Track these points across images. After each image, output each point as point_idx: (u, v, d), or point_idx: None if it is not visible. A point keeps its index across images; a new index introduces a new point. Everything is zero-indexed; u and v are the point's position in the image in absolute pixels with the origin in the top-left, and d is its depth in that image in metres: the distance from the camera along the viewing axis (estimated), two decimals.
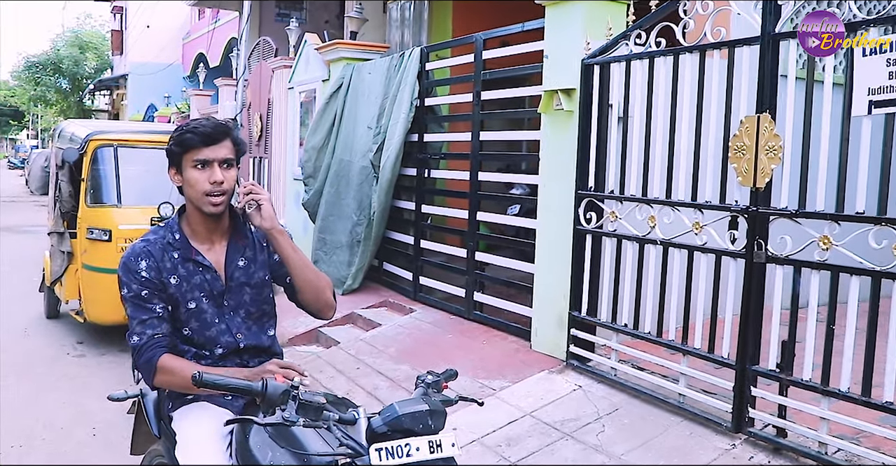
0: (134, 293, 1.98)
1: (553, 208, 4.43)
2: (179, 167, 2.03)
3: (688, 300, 3.55)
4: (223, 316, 2.12)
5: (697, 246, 3.46)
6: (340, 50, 7.30)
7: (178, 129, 2.05)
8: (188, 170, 2.01)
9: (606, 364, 4.08)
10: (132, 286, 1.98)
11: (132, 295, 1.99)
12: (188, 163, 2.00)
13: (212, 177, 2.00)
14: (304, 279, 2.15)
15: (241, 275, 2.15)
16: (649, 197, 3.74)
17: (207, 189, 2.01)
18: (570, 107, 4.22)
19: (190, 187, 2.01)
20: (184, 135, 2.01)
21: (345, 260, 6.65)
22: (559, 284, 4.37)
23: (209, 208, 2.03)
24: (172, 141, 2.03)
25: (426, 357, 4.89)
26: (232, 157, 2.05)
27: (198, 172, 2.00)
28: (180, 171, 2.03)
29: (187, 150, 2.00)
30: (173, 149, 2.02)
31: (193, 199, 2.03)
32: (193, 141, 1.99)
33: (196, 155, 1.99)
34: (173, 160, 2.04)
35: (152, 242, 2.05)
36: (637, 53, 3.77)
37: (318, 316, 2.25)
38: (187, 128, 2.03)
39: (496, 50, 5.14)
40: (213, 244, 2.13)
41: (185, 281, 2.05)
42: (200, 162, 2.00)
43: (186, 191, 2.04)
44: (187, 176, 2.00)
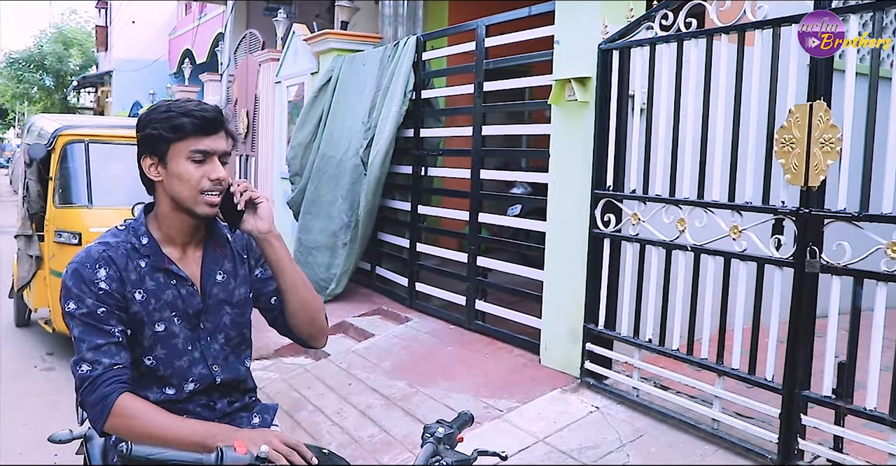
0: (87, 310, 1.55)
1: (565, 209, 4.02)
2: (163, 157, 1.61)
3: (723, 313, 3.15)
4: (198, 342, 1.70)
5: (735, 253, 3.05)
6: (330, 40, 6.87)
7: (164, 110, 1.61)
8: (180, 162, 1.60)
9: (627, 382, 3.68)
10: (85, 300, 1.55)
11: (84, 313, 1.55)
12: (181, 153, 1.60)
13: (213, 173, 1.61)
14: (300, 298, 1.75)
15: (220, 292, 1.74)
16: (678, 197, 3.33)
17: (206, 186, 1.61)
18: (585, 97, 3.81)
19: (180, 183, 1.60)
20: (178, 118, 1.59)
21: (323, 262, 6.20)
22: (572, 294, 3.95)
23: (204, 209, 1.63)
24: (158, 124, 1.60)
25: (424, 372, 4.47)
26: (229, 151, 1.67)
27: (194, 166, 1.60)
28: (163, 162, 1.61)
29: (182, 138, 1.59)
30: (162, 135, 1.59)
31: (183, 198, 1.61)
32: (192, 127, 1.59)
33: (194, 144, 1.60)
34: (156, 148, 1.61)
35: (113, 246, 1.62)
36: (663, 36, 3.35)
37: (310, 343, 1.85)
38: (179, 109, 1.60)
39: (500, 37, 4.72)
40: (186, 253, 1.71)
41: (154, 296, 1.64)
42: (200, 153, 1.60)
43: (173, 187, 1.62)
44: (178, 169, 1.60)
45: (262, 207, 1.68)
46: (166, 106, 1.62)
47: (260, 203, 1.68)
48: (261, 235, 1.69)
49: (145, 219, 1.69)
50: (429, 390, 4.20)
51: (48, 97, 30.55)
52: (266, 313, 1.86)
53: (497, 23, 4.74)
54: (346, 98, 6.33)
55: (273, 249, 1.70)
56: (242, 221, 1.68)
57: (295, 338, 1.85)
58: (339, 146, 6.24)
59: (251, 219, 1.68)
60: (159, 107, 1.63)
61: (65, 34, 29.95)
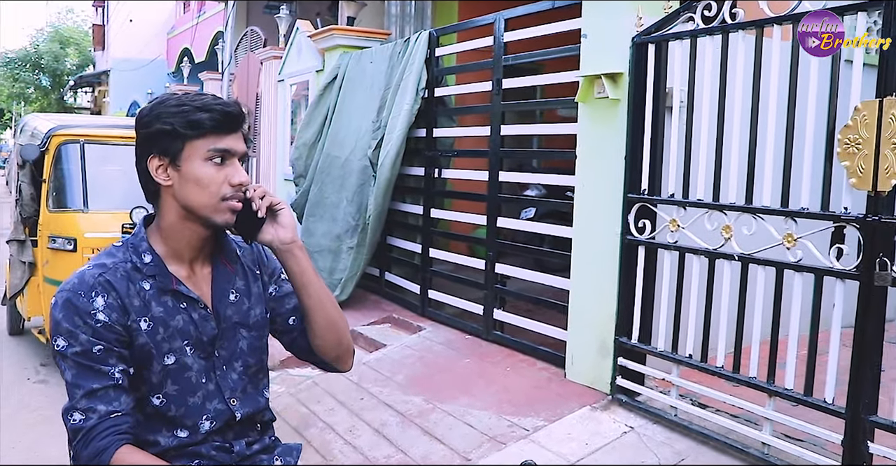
0: (81, 348, 1.30)
1: (594, 214, 3.76)
2: (176, 157, 1.37)
3: (775, 329, 2.89)
4: (213, 373, 1.46)
5: (789, 264, 2.80)
6: (336, 37, 6.61)
7: (177, 103, 1.37)
8: (196, 164, 1.37)
9: (663, 400, 3.42)
10: (79, 337, 1.30)
11: (78, 352, 1.30)
12: (198, 153, 1.37)
13: (235, 176, 1.39)
14: (327, 316, 1.53)
15: (235, 314, 1.50)
16: (723, 202, 3.08)
17: (227, 192, 1.39)
18: (617, 94, 3.55)
19: (198, 188, 1.37)
20: (195, 112, 1.35)
21: (325, 267, 5.93)
22: (602, 304, 3.70)
23: (225, 217, 1.40)
24: (171, 118, 1.36)
25: (441, 386, 4.21)
26: (247, 152, 1.45)
27: (214, 168, 1.38)
28: (176, 164, 1.37)
29: (200, 135, 1.36)
30: (177, 131, 1.35)
31: (200, 205, 1.38)
32: (212, 123, 1.36)
33: (214, 143, 1.37)
34: (168, 146, 1.37)
35: (110, 268, 1.37)
36: (706, 28, 3.10)
37: (336, 366, 1.62)
38: (196, 102, 1.37)
39: (521, 31, 4.45)
40: (194, 270, 1.47)
41: (162, 324, 1.39)
42: (220, 153, 1.38)
43: (187, 192, 1.38)
44: (195, 171, 1.37)
45: (283, 214, 1.47)
46: (177, 99, 1.38)
47: (281, 210, 1.46)
48: (283, 246, 1.47)
49: (146, 233, 1.44)
50: (447, 406, 3.94)
51: (45, 97, 30.26)
52: (283, 335, 1.63)
53: (516, 16, 4.48)
54: (353, 96, 6.08)
55: (297, 261, 1.48)
56: (261, 231, 1.45)
57: (318, 361, 1.62)
58: (345, 146, 5.98)
59: (271, 228, 1.46)
60: (167, 101, 1.38)
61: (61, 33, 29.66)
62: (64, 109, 28.79)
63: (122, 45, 21.04)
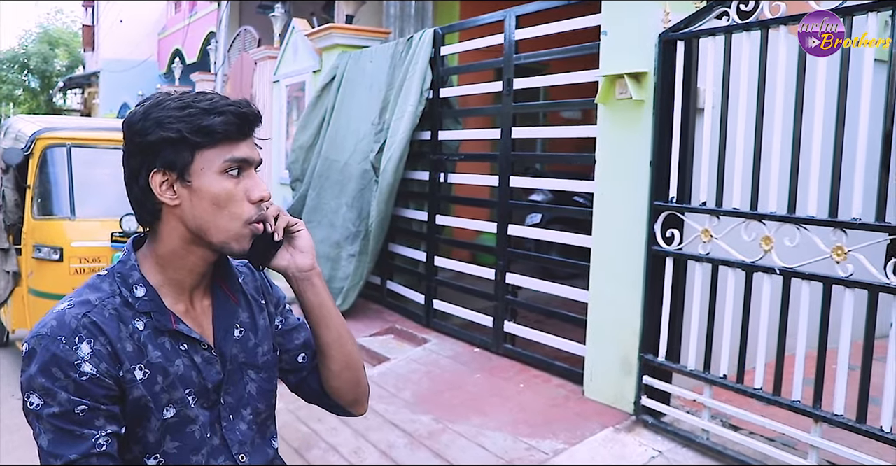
0: (61, 408, 1.03)
1: (615, 223, 3.54)
2: (185, 171, 1.10)
3: (822, 349, 2.67)
4: (218, 425, 1.21)
5: (838, 279, 2.57)
6: (335, 36, 6.37)
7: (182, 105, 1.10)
8: (210, 178, 1.11)
9: (692, 422, 3.20)
10: (58, 395, 1.03)
11: (56, 414, 1.03)
12: (212, 164, 1.11)
13: (256, 191, 1.14)
14: (346, 354, 1.31)
15: (241, 352, 1.25)
16: (762, 211, 2.85)
17: (251, 213, 1.14)
18: (641, 95, 3.33)
19: (213, 208, 1.12)
20: (204, 116, 1.09)
21: (324, 275, 5.63)
22: (624, 318, 3.47)
23: (243, 245, 1.16)
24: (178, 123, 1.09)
25: (451, 404, 3.97)
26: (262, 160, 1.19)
27: (231, 182, 1.12)
28: (184, 178, 1.11)
29: (214, 143, 1.10)
30: (185, 139, 1.09)
31: (216, 229, 1.13)
32: (226, 129, 1.10)
33: (230, 151, 1.12)
34: (174, 158, 1.10)
35: (97, 306, 1.10)
36: (744, 23, 2.87)
37: (351, 410, 1.38)
38: (205, 103, 1.10)
39: (532, 28, 4.22)
40: (193, 302, 1.21)
41: (161, 372, 1.13)
42: (237, 164, 1.12)
43: (201, 213, 1.12)
44: (209, 188, 1.11)
45: (301, 237, 1.24)
46: (178, 100, 1.11)
47: (299, 231, 1.24)
48: (300, 274, 1.24)
49: (137, 260, 1.18)
50: (458, 426, 3.70)
51: (34, 99, 29.81)
52: (289, 375, 1.37)
53: (528, 13, 4.25)
54: (352, 98, 5.83)
55: (316, 291, 1.26)
56: (276, 256, 1.22)
57: (330, 404, 1.38)
58: (345, 149, 5.74)
59: (286, 252, 1.23)
60: (165, 103, 1.11)
61: (50, 34, 29.22)
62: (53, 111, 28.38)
63: (112, 45, 20.70)
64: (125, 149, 1.15)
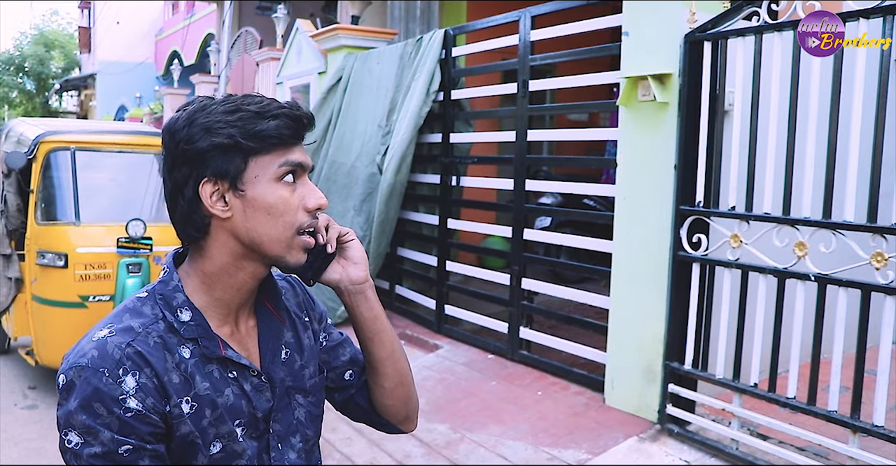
0: (104, 449, 0.93)
1: (638, 227, 3.46)
2: (237, 179, 1.01)
3: (860, 358, 2.59)
4: (266, 455, 1.11)
5: (879, 286, 2.50)
6: (340, 37, 6.29)
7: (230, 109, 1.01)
8: (266, 186, 1.02)
9: (718, 431, 3.12)
10: (102, 435, 0.94)
11: (98, 454, 0.93)
12: (267, 170, 1.02)
13: (311, 198, 1.05)
14: (399, 371, 1.23)
15: (288, 376, 1.15)
16: (795, 216, 2.77)
17: (304, 221, 1.05)
18: (665, 97, 3.25)
19: (269, 218, 1.02)
20: (258, 120, 1.00)
21: None
22: (648, 325, 3.40)
23: (298, 257, 1.07)
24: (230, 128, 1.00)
25: (467, 412, 3.89)
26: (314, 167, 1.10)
27: (288, 190, 1.03)
28: (238, 188, 1.01)
29: (270, 149, 1.01)
30: (239, 144, 1.00)
31: (270, 239, 1.03)
32: (280, 133, 1.01)
33: (285, 156, 1.03)
34: (227, 166, 1.01)
35: (140, 334, 1.00)
36: (775, 23, 2.80)
37: (402, 427, 1.29)
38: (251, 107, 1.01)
39: (548, 29, 4.14)
40: (237, 324, 1.11)
41: (209, 404, 1.03)
42: (294, 168, 1.04)
43: (255, 225, 1.03)
44: (265, 197, 1.02)
45: (352, 248, 1.14)
46: (227, 103, 1.02)
47: (350, 241, 1.14)
48: (353, 287, 1.14)
49: (180, 279, 1.08)
50: (476, 435, 3.62)
51: (29, 101, 29.61)
52: (335, 393, 1.28)
53: (544, 13, 4.17)
54: (359, 99, 5.75)
55: (369, 305, 1.17)
56: (328, 269, 1.13)
57: (380, 423, 1.29)
58: (351, 152, 5.65)
59: (338, 265, 1.14)
60: (210, 107, 1.01)
61: (46, 36, 29.02)
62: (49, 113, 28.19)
63: (109, 47, 20.59)
64: (167, 160, 1.05)
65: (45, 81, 28.49)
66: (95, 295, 4.45)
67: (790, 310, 2.81)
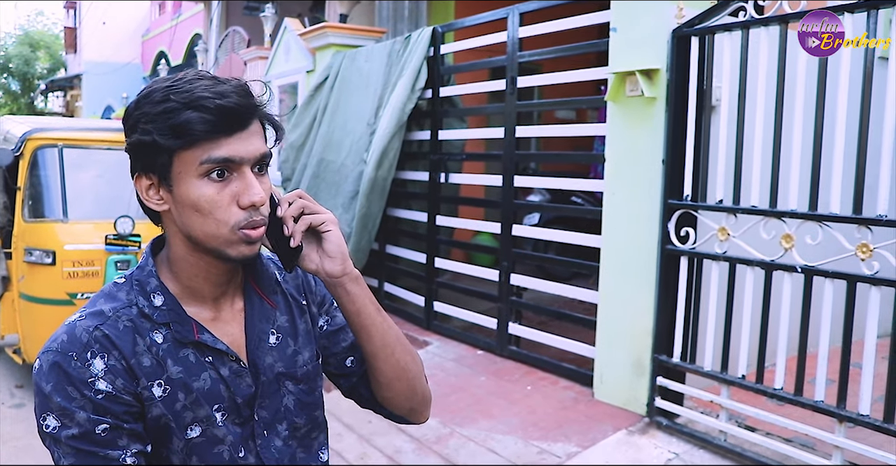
0: (80, 429, 0.95)
1: (626, 222, 3.48)
2: (165, 174, 0.99)
3: (846, 348, 2.62)
4: (251, 442, 1.11)
5: (864, 277, 2.53)
6: (329, 35, 6.28)
7: (161, 98, 0.97)
8: (191, 182, 0.98)
9: (707, 423, 3.14)
10: (75, 415, 0.95)
11: (76, 436, 0.95)
12: (190, 167, 0.98)
13: (245, 195, 0.99)
14: (396, 363, 1.16)
15: (277, 361, 1.13)
16: (781, 208, 2.81)
17: (239, 218, 0.99)
18: (653, 92, 3.28)
19: (198, 215, 0.99)
20: (181, 111, 0.95)
21: None
22: (636, 319, 3.42)
23: (242, 251, 1.02)
24: (150, 123, 0.96)
25: (458, 408, 3.90)
26: (269, 152, 1.04)
27: (214, 186, 0.98)
28: (167, 183, 1.00)
29: (190, 144, 0.96)
30: (156, 142, 0.96)
31: (206, 236, 1.00)
32: (205, 126, 0.95)
33: (209, 151, 0.97)
34: (152, 162, 0.99)
35: (110, 318, 1.01)
36: (762, 18, 2.83)
37: (409, 419, 1.25)
38: (183, 95, 0.95)
39: (535, 26, 4.16)
40: (220, 309, 1.10)
41: (182, 388, 1.03)
42: (219, 165, 0.98)
43: (186, 219, 1.01)
44: (188, 194, 0.99)
45: (328, 240, 1.08)
46: (164, 90, 0.97)
47: (327, 231, 1.07)
48: (330, 279, 1.09)
49: (155, 265, 1.08)
50: (466, 430, 3.63)
51: (14, 102, 29.39)
52: (339, 379, 1.25)
53: (532, 10, 4.20)
54: (348, 97, 5.75)
55: (351, 299, 1.10)
56: (302, 258, 1.09)
57: (386, 414, 1.25)
58: (340, 150, 5.65)
59: (314, 254, 1.09)
60: (153, 93, 0.98)
61: (31, 36, 28.81)
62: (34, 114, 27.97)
63: (95, 47, 20.45)
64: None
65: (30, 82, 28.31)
66: (83, 293, 4.43)
67: (777, 303, 2.84)
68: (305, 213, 1.07)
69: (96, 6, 20.06)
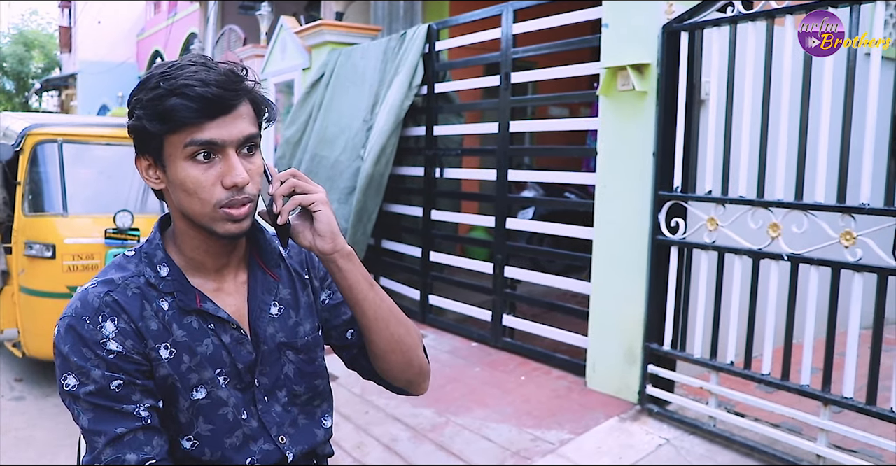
0: (97, 386, 1.05)
1: (618, 214, 3.55)
2: (159, 156, 1.09)
3: (830, 333, 2.70)
4: (253, 407, 1.19)
5: (847, 263, 2.61)
6: (325, 32, 6.35)
7: (154, 85, 1.05)
8: (179, 164, 1.07)
9: (698, 410, 3.22)
10: (91, 373, 1.04)
11: (93, 392, 1.05)
12: (177, 149, 1.06)
13: (228, 176, 1.07)
14: (390, 336, 1.24)
15: (279, 331, 1.22)
16: (768, 198, 2.88)
17: (221, 197, 1.08)
18: (644, 86, 3.35)
19: (185, 194, 1.08)
20: (167, 98, 1.03)
21: None
22: (628, 309, 3.49)
23: (227, 228, 1.10)
24: (143, 109, 1.06)
25: (452, 397, 3.96)
26: (256, 133, 1.11)
27: (199, 168, 1.07)
28: (161, 164, 1.09)
29: (176, 128, 1.05)
30: (146, 127, 1.06)
31: (194, 213, 1.10)
32: (186, 112, 1.03)
33: (193, 134, 1.05)
34: (147, 144, 1.09)
35: (119, 285, 1.11)
36: (749, 13, 2.91)
37: (408, 390, 1.34)
38: (172, 82, 1.04)
39: (530, 22, 4.24)
40: (224, 280, 1.19)
41: (187, 351, 1.12)
42: (203, 148, 1.06)
43: (178, 198, 1.10)
44: (177, 175, 1.08)
45: (319, 219, 1.14)
46: (158, 77, 1.07)
47: (317, 211, 1.14)
48: (322, 256, 1.16)
49: (162, 239, 1.18)
50: (461, 419, 3.70)
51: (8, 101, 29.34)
52: (341, 351, 1.35)
53: (526, 7, 4.27)
54: (343, 94, 5.81)
55: (343, 275, 1.17)
56: (295, 233, 1.16)
57: (385, 385, 1.34)
58: (335, 146, 5.71)
59: (307, 232, 1.16)
60: (150, 80, 1.07)
61: (25, 35, 28.78)
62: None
63: (90, 47, 20.44)
64: None
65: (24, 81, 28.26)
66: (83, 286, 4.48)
67: (764, 293, 2.91)
68: (297, 192, 1.13)
69: (91, 5, 20.05)
